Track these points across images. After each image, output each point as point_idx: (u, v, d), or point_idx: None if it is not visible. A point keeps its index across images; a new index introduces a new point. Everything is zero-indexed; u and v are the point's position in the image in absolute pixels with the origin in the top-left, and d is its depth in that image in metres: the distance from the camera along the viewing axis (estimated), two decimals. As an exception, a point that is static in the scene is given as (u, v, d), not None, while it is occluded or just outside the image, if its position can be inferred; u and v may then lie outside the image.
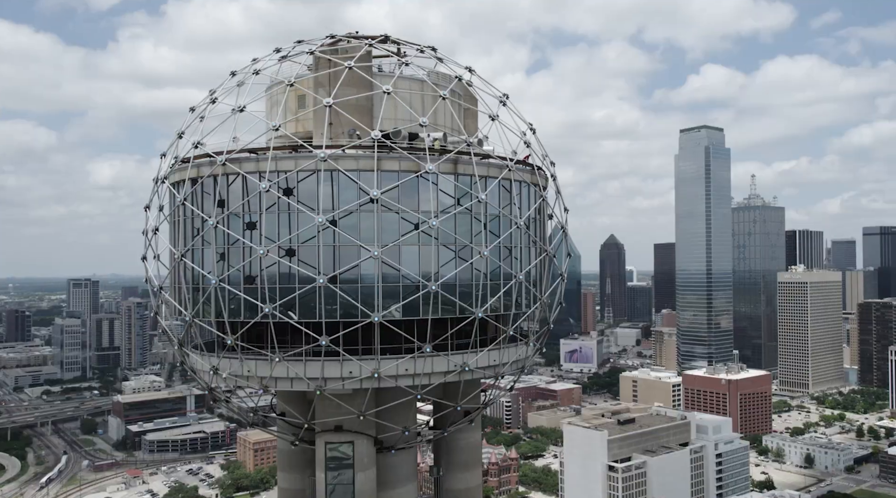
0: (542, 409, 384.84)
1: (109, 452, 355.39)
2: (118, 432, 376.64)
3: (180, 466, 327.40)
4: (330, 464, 40.28)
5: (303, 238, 36.60)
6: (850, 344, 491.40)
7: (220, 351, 39.90)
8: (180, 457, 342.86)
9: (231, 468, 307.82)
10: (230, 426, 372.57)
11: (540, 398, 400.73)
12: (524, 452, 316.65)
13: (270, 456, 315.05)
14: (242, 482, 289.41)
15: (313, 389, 37.30)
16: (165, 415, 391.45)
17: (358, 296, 36.11)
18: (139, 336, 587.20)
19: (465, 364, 38.92)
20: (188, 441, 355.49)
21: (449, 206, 38.04)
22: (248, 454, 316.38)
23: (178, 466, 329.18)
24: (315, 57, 40.17)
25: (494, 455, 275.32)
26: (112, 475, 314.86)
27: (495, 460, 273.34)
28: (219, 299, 37.23)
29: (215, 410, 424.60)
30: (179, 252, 38.67)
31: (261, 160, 37.31)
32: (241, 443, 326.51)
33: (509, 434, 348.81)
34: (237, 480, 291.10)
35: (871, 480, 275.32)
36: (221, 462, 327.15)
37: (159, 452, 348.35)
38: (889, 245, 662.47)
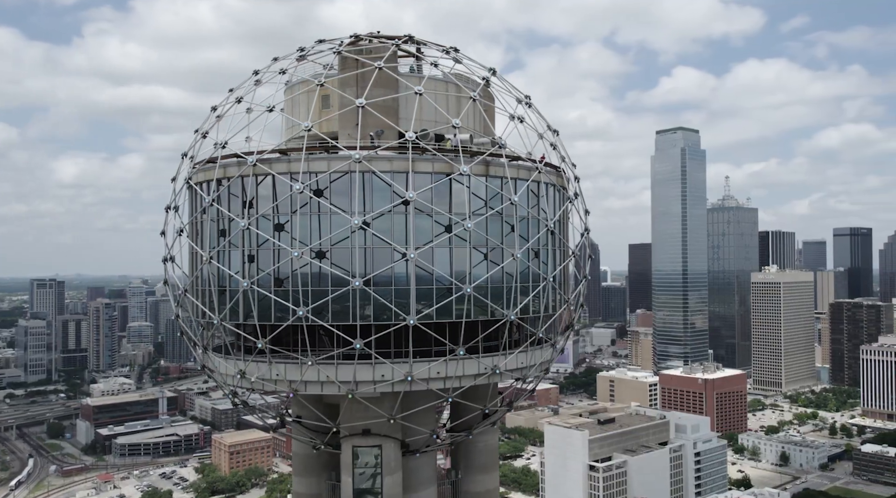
0: (520, 409, 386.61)
1: (78, 456, 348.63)
2: (87, 436, 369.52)
3: (153, 470, 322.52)
4: (357, 468, 40.17)
5: (335, 240, 36.42)
6: (822, 343, 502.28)
7: (241, 354, 39.51)
8: (153, 460, 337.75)
9: (206, 471, 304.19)
10: (204, 429, 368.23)
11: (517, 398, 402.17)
12: (503, 452, 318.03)
13: (246, 459, 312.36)
14: (218, 485, 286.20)
15: (344, 392, 37.18)
16: (137, 418, 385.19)
17: (392, 298, 36.07)
18: (108, 337, 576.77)
19: (495, 367, 39.14)
20: (161, 444, 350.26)
21: (479, 208, 38.16)
22: (223, 457, 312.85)
23: (151, 469, 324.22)
24: (341, 57, 39.99)
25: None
26: (81, 480, 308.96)
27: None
28: (249, 302, 36.89)
29: (188, 412, 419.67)
30: (208, 254, 38.18)
31: (292, 161, 37.06)
32: (216, 445, 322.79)
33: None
34: (212, 484, 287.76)
35: (844, 477, 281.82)
36: (196, 465, 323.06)
37: (131, 455, 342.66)
38: (859, 246, 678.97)
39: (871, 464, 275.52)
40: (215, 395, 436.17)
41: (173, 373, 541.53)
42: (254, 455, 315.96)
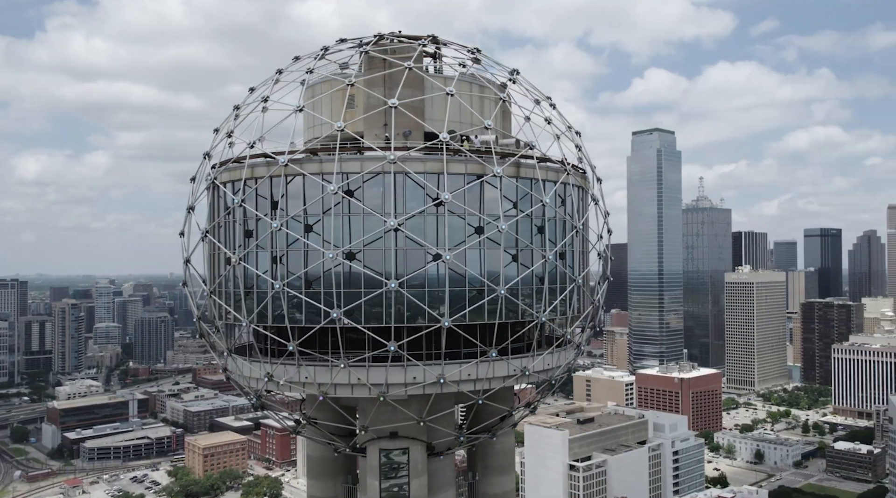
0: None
1: (44, 461, 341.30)
2: (53, 440, 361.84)
3: (124, 474, 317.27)
4: (384, 471, 40.18)
5: (367, 241, 36.38)
6: (794, 342, 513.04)
7: (267, 356, 39.26)
8: (123, 464, 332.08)
9: (179, 474, 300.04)
10: (176, 431, 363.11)
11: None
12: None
13: (220, 461, 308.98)
14: (192, 489, 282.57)
15: (376, 395, 37.19)
16: (106, 420, 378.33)
17: (425, 300, 36.16)
18: (73, 339, 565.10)
19: (525, 368, 39.48)
20: (131, 447, 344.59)
21: (508, 210, 38.41)
22: (196, 460, 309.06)
23: (122, 473, 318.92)
24: (368, 56, 39.93)
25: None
26: (48, 485, 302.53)
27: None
28: (280, 304, 36.67)
29: (159, 415, 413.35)
30: (236, 255, 37.84)
31: (324, 161, 36.93)
32: (190, 448, 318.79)
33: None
34: (186, 487, 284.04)
35: (818, 474, 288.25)
36: (168, 468, 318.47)
37: (100, 459, 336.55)
38: (829, 246, 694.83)
39: (844, 461, 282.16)
40: (187, 397, 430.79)
41: (143, 374, 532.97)
42: (228, 457, 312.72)
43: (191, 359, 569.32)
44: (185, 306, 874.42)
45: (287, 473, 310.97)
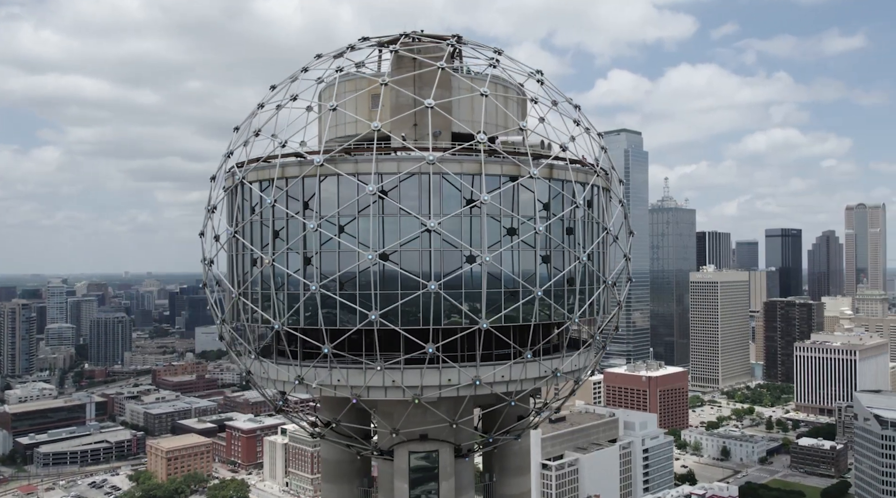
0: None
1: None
2: (4, 445, 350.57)
3: (81, 480, 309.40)
4: (413, 473, 40.23)
5: (404, 242, 36.34)
6: (756, 341, 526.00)
7: (291, 359, 38.95)
8: (81, 469, 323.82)
9: (141, 479, 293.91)
10: (137, 435, 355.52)
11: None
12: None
13: (185, 464, 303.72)
14: (154, 493, 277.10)
15: (410, 397, 37.20)
16: (61, 425, 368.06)
17: (462, 301, 36.31)
18: (24, 340, 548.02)
19: (556, 369, 39.93)
20: (89, 452, 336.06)
21: (540, 211, 38.73)
22: (159, 463, 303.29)
23: (79, 479, 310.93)
24: (398, 55, 39.84)
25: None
26: (0, 492, 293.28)
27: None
28: (314, 306, 36.40)
29: (118, 418, 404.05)
30: (269, 256, 37.39)
31: (360, 161, 36.76)
32: (152, 451, 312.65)
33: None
34: (148, 491, 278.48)
35: (783, 470, 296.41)
36: (129, 473, 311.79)
37: (55, 465, 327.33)
38: (789, 247, 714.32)
39: (808, 457, 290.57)
40: (148, 399, 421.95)
41: (99, 376, 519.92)
42: (193, 460, 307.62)
43: (150, 360, 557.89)
44: (143, 306, 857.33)
45: (253, 475, 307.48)
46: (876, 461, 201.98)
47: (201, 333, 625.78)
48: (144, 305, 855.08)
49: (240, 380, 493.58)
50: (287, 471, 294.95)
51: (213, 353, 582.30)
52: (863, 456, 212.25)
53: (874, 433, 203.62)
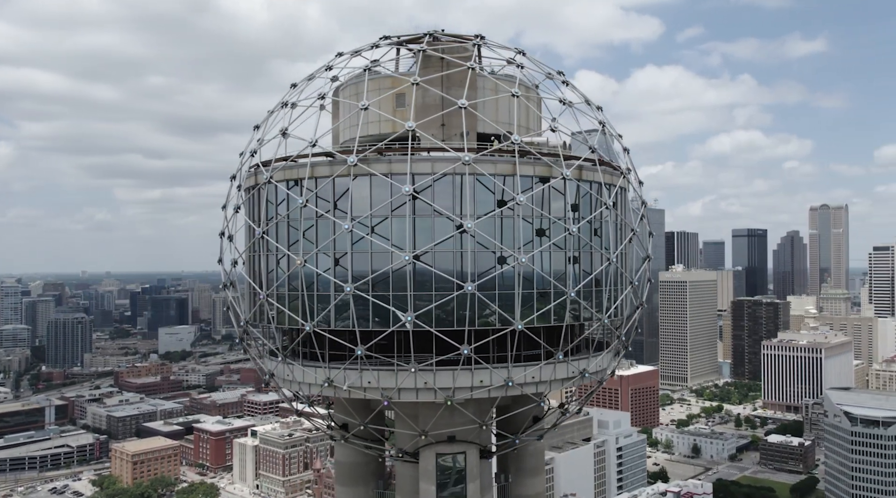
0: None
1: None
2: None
3: (41, 486, 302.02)
4: (440, 475, 40.39)
5: (437, 243, 36.43)
6: (723, 339, 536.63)
7: (321, 361, 38.78)
8: (40, 475, 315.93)
9: (105, 484, 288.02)
10: (99, 438, 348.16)
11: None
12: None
13: (151, 468, 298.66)
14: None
15: (442, 399, 37.33)
16: (18, 429, 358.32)
17: (496, 302, 36.58)
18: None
19: (584, 370, 40.47)
20: (49, 457, 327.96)
21: (570, 212, 39.16)
22: (124, 467, 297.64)
23: (39, 484, 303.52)
24: (426, 55, 39.88)
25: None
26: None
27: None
28: (346, 307, 36.28)
29: (78, 421, 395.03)
30: (302, 258, 37.11)
31: (394, 161, 36.73)
32: (116, 455, 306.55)
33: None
34: (113, 496, 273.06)
35: (752, 466, 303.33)
36: (92, 477, 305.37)
37: (13, 470, 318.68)
38: (755, 247, 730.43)
39: (777, 453, 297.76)
40: (110, 401, 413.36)
41: (57, 379, 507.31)
42: (159, 464, 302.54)
43: (111, 362, 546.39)
44: (102, 306, 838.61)
45: (223, 478, 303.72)
46: (846, 457, 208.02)
47: (165, 334, 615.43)
48: (104, 305, 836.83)
49: (206, 381, 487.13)
50: (258, 473, 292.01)
51: (177, 354, 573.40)
52: (833, 452, 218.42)
53: (844, 430, 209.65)
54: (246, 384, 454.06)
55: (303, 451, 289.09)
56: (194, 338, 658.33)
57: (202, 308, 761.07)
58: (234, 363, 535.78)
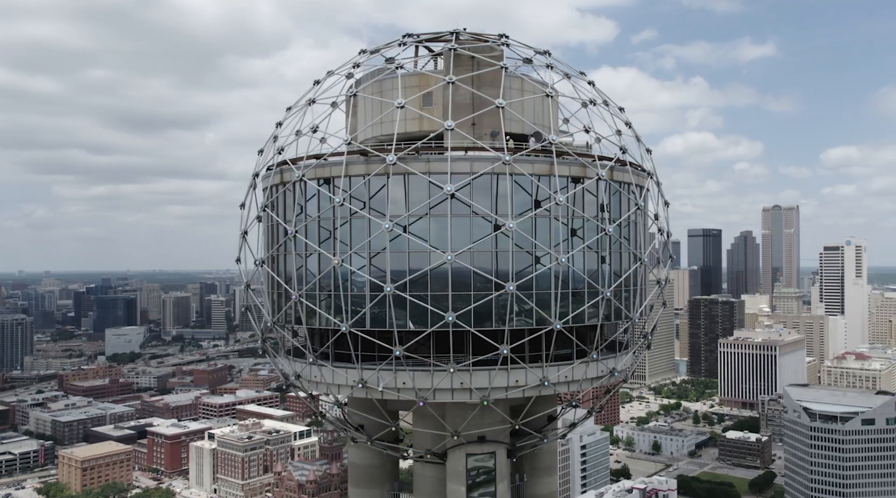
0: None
1: None
2: None
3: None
4: (470, 476, 40.71)
5: (474, 242, 36.71)
6: (680, 338, 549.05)
7: (355, 362, 38.71)
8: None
9: (52, 491, 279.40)
10: (44, 444, 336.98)
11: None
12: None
13: (102, 474, 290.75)
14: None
15: (478, 399, 37.66)
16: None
17: (535, 302, 37.09)
18: None
19: (614, 369, 41.30)
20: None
21: (602, 213, 39.92)
22: (73, 474, 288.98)
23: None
24: (455, 54, 40.06)
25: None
26: None
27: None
28: (382, 307, 36.29)
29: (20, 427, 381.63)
30: (339, 257, 36.93)
31: (432, 161, 36.86)
32: (64, 462, 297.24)
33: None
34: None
35: (711, 462, 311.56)
36: (37, 485, 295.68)
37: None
38: (710, 246, 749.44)
39: (735, 449, 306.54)
40: (55, 406, 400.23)
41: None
42: (111, 470, 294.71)
43: (54, 364, 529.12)
44: (43, 307, 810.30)
45: (178, 483, 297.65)
46: (805, 452, 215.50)
47: (112, 335, 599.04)
48: (44, 305, 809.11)
49: (158, 383, 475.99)
50: (216, 477, 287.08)
51: (125, 355, 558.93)
52: (792, 447, 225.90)
53: (803, 425, 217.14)
54: (200, 386, 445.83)
55: (263, 453, 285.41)
56: (143, 339, 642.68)
57: (151, 308, 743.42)
58: (187, 365, 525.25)
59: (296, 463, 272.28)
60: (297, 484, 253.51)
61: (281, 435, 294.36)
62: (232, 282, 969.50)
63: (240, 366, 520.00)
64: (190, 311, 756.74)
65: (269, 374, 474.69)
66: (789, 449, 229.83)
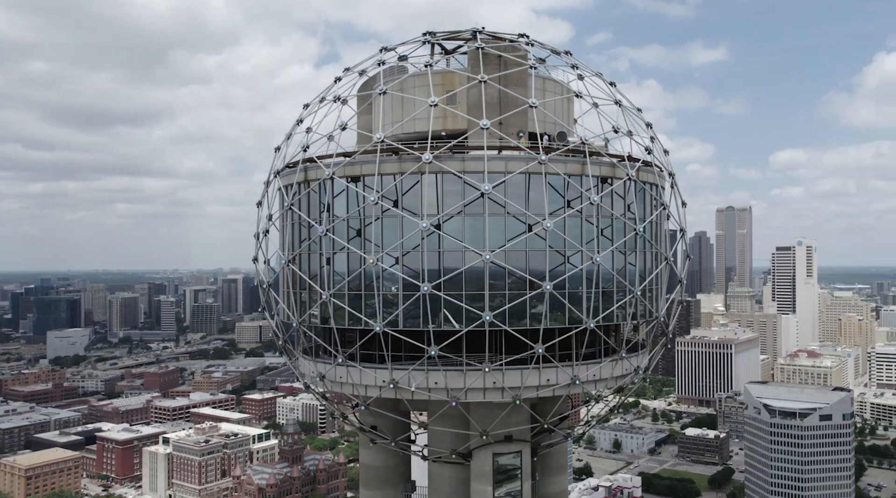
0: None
1: None
2: None
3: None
4: (498, 475, 41.12)
5: (508, 242, 37.15)
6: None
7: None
8: None
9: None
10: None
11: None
12: (346, 455, 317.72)
13: (48, 483, 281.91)
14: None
15: (510, 398, 38.10)
16: None
17: (567, 300, 37.70)
18: None
19: (638, 367, 42.26)
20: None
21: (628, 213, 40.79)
22: (16, 484, 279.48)
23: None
24: (483, 53, 40.38)
25: (322, 462, 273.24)
26: None
27: (323, 467, 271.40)
28: (424, 307, 36.41)
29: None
30: (374, 256, 36.85)
31: (467, 160, 37.12)
32: (6, 471, 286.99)
33: (327, 439, 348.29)
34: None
35: (671, 459, 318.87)
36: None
37: None
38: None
39: (694, 446, 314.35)
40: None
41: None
42: (57, 478, 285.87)
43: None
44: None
45: (130, 489, 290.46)
46: (765, 448, 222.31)
47: (55, 338, 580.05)
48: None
49: (105, 387, 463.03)
50: (170, 483, 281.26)
51: (69, 359, 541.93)
52: (752, 443, 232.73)
53: (763, 422, 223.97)
54: (151, 389, 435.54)
55: (220, 457, 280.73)
56: (89, 341, 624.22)
57: (96, 309, 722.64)
58: (136, 367, 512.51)
59: (255, 467, 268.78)
60: (256, 488, 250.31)
61: (239, 438, 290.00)
62: (181, 282, 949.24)
63: (192, 368, 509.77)
64: (138, 312, 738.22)
65: (224, 376, 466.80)
66: (749, 445, 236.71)
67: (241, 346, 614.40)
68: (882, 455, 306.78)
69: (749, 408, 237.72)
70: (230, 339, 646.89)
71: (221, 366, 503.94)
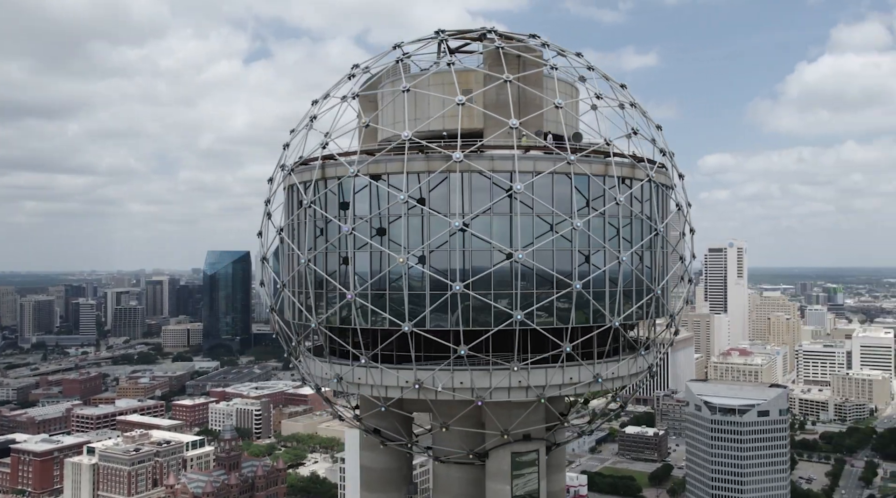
0: (296, 415, 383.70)
1: None
2: None
3: None
4: (515, 474, 41.78)
5: (535, 240, 37.89)
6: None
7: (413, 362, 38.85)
8: None
9: None
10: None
11: (290, 404, 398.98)
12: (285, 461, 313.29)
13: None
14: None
15: (535, 397, 38.83)
16: None
17: (593, 299, 38.69)
18: None
19: (651, 365, 43.69)
20: None
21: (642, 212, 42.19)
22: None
23: None
24: (503, 52, 40.96)
25: (261, 468, 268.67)
26: None
27: (262, 473, 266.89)
28: (449, 307, 36.72)
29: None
30: (405, 255, 36.88)
31: (496, 159, 37.62)
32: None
33: (263, 444, 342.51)
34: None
35: (611, 457, 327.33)
36: None
37: None
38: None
39: (634, 444, 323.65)
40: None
41: None
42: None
43: None
44: None
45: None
46: (706, 444, 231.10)
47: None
48: None
49: (18, 396, 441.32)
50: (96, 495, 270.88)
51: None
52: (693, 439, 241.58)
53: (704, 418, 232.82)
54: (70, 397, 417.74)
55: (152, 466, 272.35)
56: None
57: (5, 313, 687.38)
58: (53, 374, 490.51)
59: (190, 475, 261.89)
60: (192, 496, 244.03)
61: (172, 446, 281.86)
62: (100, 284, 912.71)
63: (115, 374, 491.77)
64: (53, 315, 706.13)
65: (151, 382, 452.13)
66: (690, 441, 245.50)
67: (167, 350, 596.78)
68: (812, 449, 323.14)
69: (690, 405, 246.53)
70: (156, 343, 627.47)
71: (148, 371, 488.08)
